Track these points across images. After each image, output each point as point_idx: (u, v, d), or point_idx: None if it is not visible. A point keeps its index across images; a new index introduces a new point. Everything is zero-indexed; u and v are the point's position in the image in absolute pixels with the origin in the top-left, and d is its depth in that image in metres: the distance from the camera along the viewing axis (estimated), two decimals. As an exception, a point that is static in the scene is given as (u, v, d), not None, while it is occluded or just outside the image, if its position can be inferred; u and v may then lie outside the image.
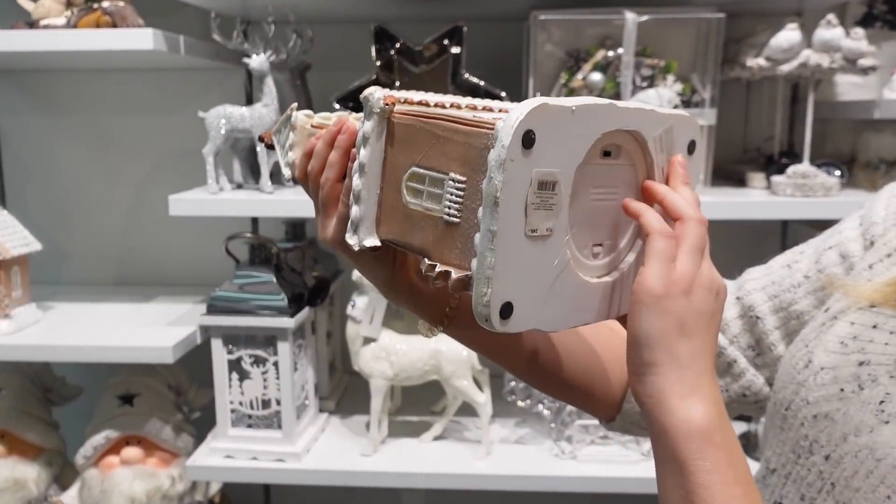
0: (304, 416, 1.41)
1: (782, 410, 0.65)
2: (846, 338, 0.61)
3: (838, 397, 0.59)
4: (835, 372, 0.60)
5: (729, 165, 1.58)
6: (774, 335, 0.72)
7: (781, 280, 0.73)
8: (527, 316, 0.50)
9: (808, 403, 0.61)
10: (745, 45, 1.37)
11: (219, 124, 1.32)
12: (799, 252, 0.74)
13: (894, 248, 0.64)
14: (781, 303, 0.72)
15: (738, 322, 0.74)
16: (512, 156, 0.45)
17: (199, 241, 1.69)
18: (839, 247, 0.70)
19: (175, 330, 1.37)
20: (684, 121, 0.59)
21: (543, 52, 1.29)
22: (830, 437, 0.58)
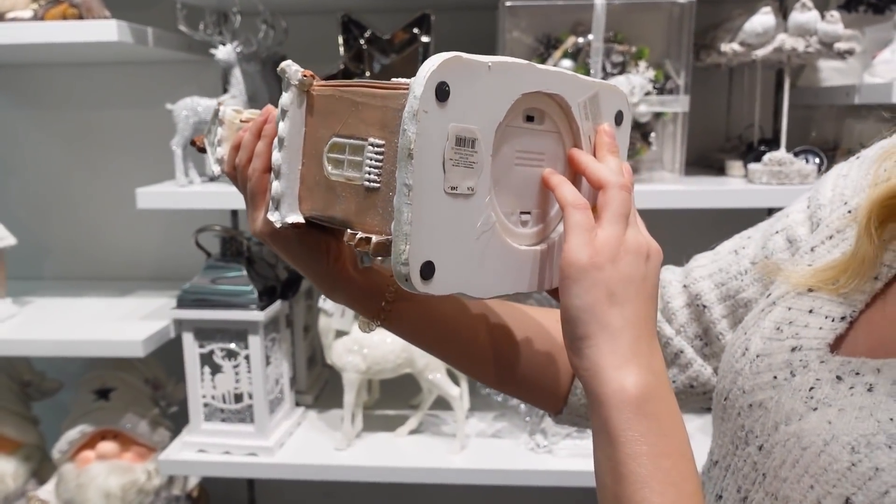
0: (279, 410, 1.40)
1: (722, 400, 0.62)
2: (782, 323, 0.59)
3: (771, 385, 0.57)
4: (769, 359, 0.58)
5: (711, 154, 1.55)
6: (722, 324, 0.70)
7: (728, 267, 0.71)
8: (450, 278, 0.49)
9: (744, 392, 0.59)
10: (722, 30, 1.35)
11: (186, 116, 1.31)
12: (747, 237, 0.72)
13: (836, 230, 0.62)
14: (729, 291, 0.70)
15: (685, 311, 0.72)
16: (425, 107, 0.45)
17: (174, 235, 1.68)
18: (786, 231, 0.68)
19: (147, 324, 1.37)
20: (610, 90, 0.58)
21: (513, 39, 1.27)
22: (764, 426, 0.56)
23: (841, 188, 0.65)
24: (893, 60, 1.30)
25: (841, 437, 0.48)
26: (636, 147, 1.29)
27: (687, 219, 1.35)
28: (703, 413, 1.50)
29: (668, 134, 1.32)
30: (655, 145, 1.31)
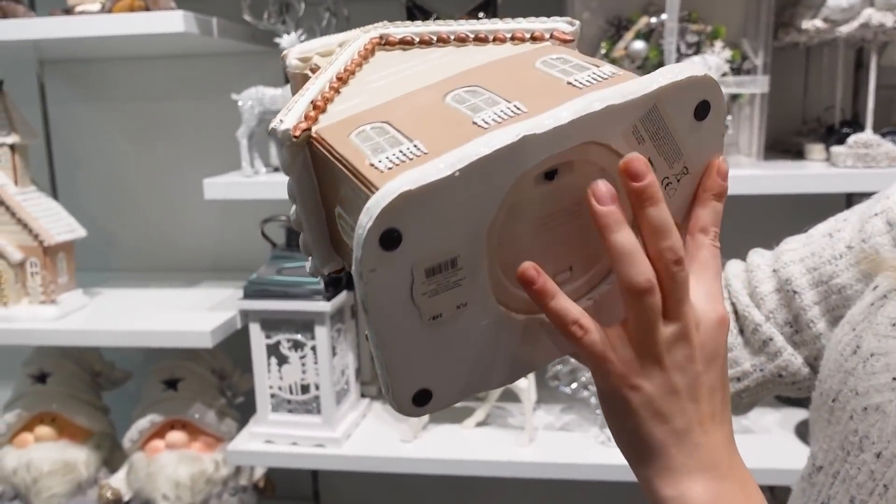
0: (345, 401, 1.39)
1: (829, 402, 0.58)
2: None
3: (891, 387, 0.52)
4: (886, 359, 0.53)
5: (787, 137, 1.49)
6: (814, 311, 0.66)
7: (821, 251, 0.66)
8: (452, 392, 0.44)
9: (857, 394, 0.55)
10: (802, 6, 1.28)
11: (251, 106, 1.31)
12: (843, 220, 0.67)
13: None
14: (821, 276, 0.65)
15: (774, 297, 0.68)
16: (371, 265, 0.38)
17: (240, 225, 1.69)
18: (886, 213, 0.62)
19: (215, 314, 1.37)
20: (681, 86, 0.42)
21: (582, 20, 1.24)
22: (882, 431, 0.51)
23: None
24: None
25: None
26: (712, 131, 1.24)
27: (766, 205, 1.30)
28: (780, 406, 1.44)
29: (745, 116, 1.26)
30: (731, 128, 1.26)
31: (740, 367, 0.70)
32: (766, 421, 1.40)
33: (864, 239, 0.63)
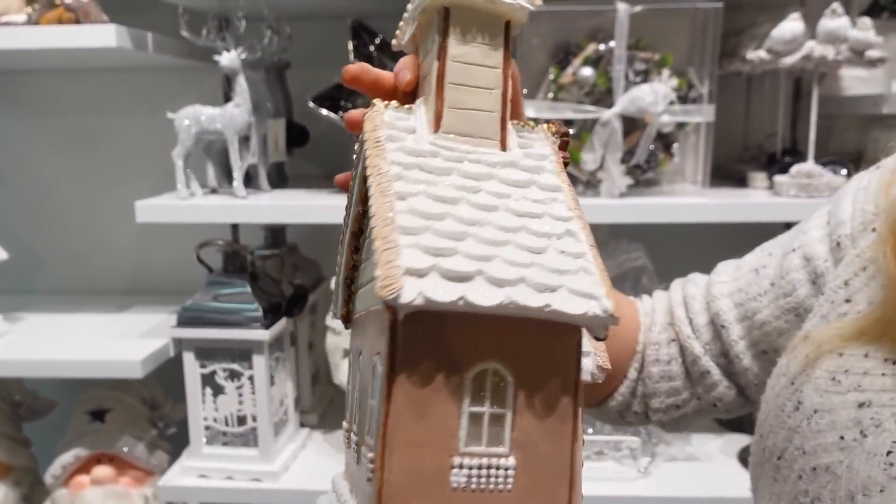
0: (283, 432, 1.34)
1: (774, 459, 0.57)
2: (837, 372, 0.53)
3: (839, 447, 0.50)
4: (831, 416, 0.52)
5: (729, 164, 1.50)
6: (740, 345, 0.68)
7: (748, 287, 0.68)
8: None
9: (804, 453, 0.53)
10: (746, 37, 1.30)
11: (188, 125, 1.25)
12: (767, 253, 0.69)
13: (869, 260, 0.56)
14: (747, 311, 0.67)
15: (708, 329, 0.70)
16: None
17: (175, 248, 1.62)
18: (803, 248, 0.64)
19: (146, 342, 1.30)
20: None
21: (531, 45, 1.22)
22: (835, 494, 0.50)
23: (862, 202, 0.61)
24: (924, 69, 1.25)
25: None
26: (658, 158, 1.24)
27: (709, 232, 1.30)
28: (722, 432, 1.45)
29: (690, 145, 1.27)
30: (678, 156, 1.26)
31: (680, 396, 0.72)
32: (710, 448, 1.40)
33: (782, 276, 0.65)
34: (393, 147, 0.38)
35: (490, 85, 0.40)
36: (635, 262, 1.36)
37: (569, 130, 0.44)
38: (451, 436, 0.31)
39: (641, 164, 1.23)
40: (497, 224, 0.35)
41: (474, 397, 0.32)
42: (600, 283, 0.32)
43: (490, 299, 0.30)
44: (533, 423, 0.32)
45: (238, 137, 1.26)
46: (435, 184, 0.36)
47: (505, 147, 0.40)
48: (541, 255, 0.33)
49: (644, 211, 1.20)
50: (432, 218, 0.34)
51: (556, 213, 0.36)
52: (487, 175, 0.38)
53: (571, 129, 1.23)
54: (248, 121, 1.26)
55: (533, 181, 0.38)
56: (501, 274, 0.31)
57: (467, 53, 0.40)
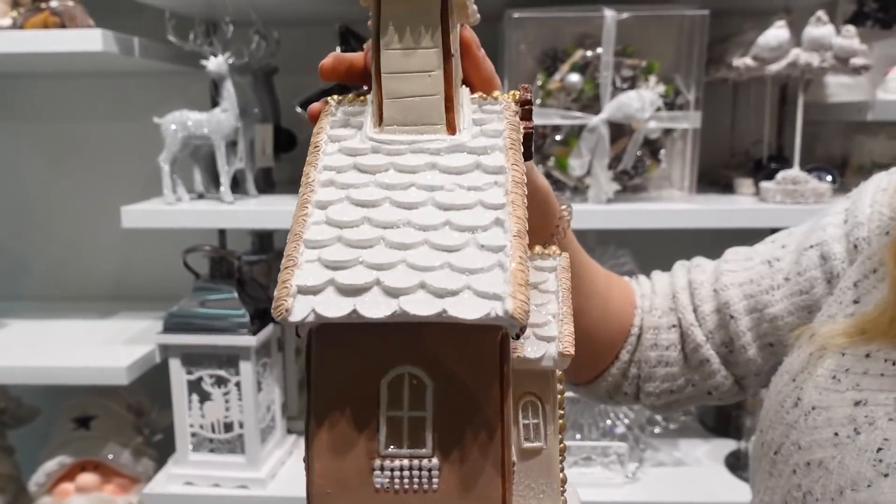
0: (270, 438, 1.33)
1: (771, 454, 0.58)
2: (838, 371, 0.54)
3: (832, 443, 0.51)
4: (828, 413, 0.52)
5: (715, 170, 1.51)
6: (747, 336, 0.68)
7: (760, 279, 0.67)
8: None
9: (799, 448, 0.54)
10: (732, 44, 1.31)
11: (175, 130, 1.25)
12: (781, 246, 0.68)
13: (879, 263, 0.57)
14: (757, 304, 0.67)
15: (714, 317, 0.70)
16: None
17: (162, 254, 1.61)
18: (821, 246, 0.64)
19: (131, 349, 1.30)
20: None
21: (518, 51, 1.23)
22: (826, 488, 0.51)
23: (880, 205, 0.62)
24: (907, 76, 1.26)
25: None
26: (646, 164, 1.25)
27: (696, 238, 1.31)
28: (709, 437, 1.45)
29: (678, 151, 1.27)
30: (665, 163, 1.26)
31: (676, 382, 0.72)
32: (697, 453, 1.40)
33: (799, 272, 0.65)
34: (333, 149, 0.39)
35: (428, 67, 0.38)
36: (622, 268, 1.36)
37: (530, 96, 0.41)
38: (370, 439, 0.32)
39: (629, 169, 1.23)
40: (417, 223, 0.34)
41: (392, 401, 0.32)
42: (508, 282, 0.31)
43: (381, 311, 0.31)
44: (456, 424, 0.32)
45: (225, 142, 1.25)
46: (365, 185, 0.36)
47: (454, 130, 0.39)
48: (455, 253, 0.33)
49: (631, 216, 1.21)
50: (346, 226, 0.34)
51: (490, 201, 0.35)
52: (427, 165, 0.37)
53: (559, 136, 1.23)
54: (235, 126, 1.25)
55: (478, 164, 0.37)
56: (399, 282, 0.31)
57: (400, 39, 0.39)
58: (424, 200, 0.36)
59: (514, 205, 0.35)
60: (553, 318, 0.40)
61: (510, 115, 0.40)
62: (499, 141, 0.39)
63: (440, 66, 0.39)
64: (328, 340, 0.33)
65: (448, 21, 0.39)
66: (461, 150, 0.38)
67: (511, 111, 0.41)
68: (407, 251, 0.33)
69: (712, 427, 1.49)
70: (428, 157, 0.38)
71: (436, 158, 0.38)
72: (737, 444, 1.39)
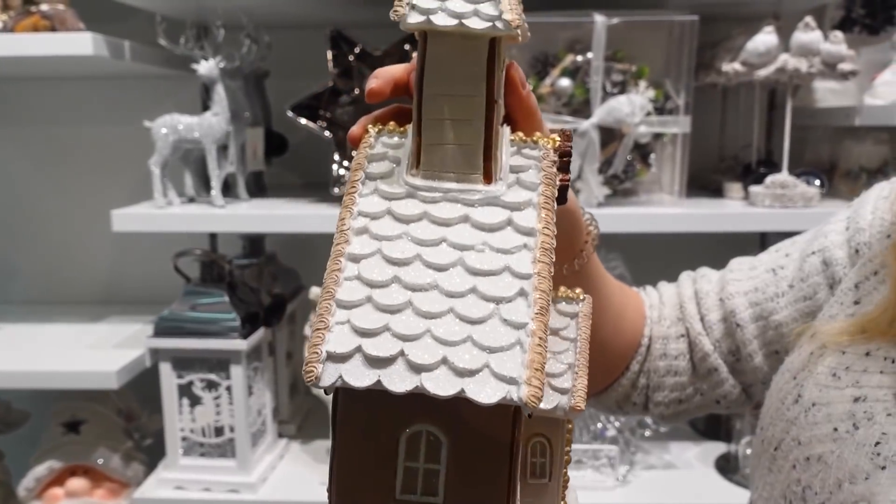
0: (261, 442, 1.33)
1: (771, 450, 0.58)
2: (837, 368, 0.55)
3: (832, 438, 0.52)
4: (828, 409, 0.53)
5: (705, 174, 1.52)
6: (754, 345, 0.69)
7: (765, 287, 0.68)
8: None
9: (799, 444, 0.55)
10: (721, 49, 1.32)
11: (165, 134, 1.24)
12: (784, 255, 0.69)
13: (880, 265, 0.58)
14: (763, 311, 0.68)
15: (720, 326, 0.70)
16: None
17: (152, 258, 1.60)
18: (823, 252, 0.65)
19: (121, 353, 1.29)
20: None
21: (509, 55, 1.23)
22: (824, 482, 0.52)
23: (882, 211, 0.63)
24: (894, 82, 1.27)
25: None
26: (636, 168, 1.25)
27: (686, 242, 1.32)
28: (700, 440, 1.46)
29: (667, 155, 1.28)
30: (655, 167, 1.27)
31: (685, 392, 0.72)
32: (687, 456, 1.40)
33: (802, 279, 0.66)
34: (368, 190, 0.39)
35: (470, 116, 0.38)
36: (613, 272, 1.36)
37: (571, 147, 0.41)
38: (388, 485, 0.34)
39: (619, 174, 1.24)
40: (445, 288, 0.35)
41: (409, 454, 0.34)
42: (526, 365, 0.33)
43: (403, 385, 0.32)
44: (467, 478, 0.34)
45: (216, 146, 1.25)
46: (398, 238, 0.37)
47: (490, 179, 0.38)
48: (479, 325, 0.34)
49: (622, 220, 1.21)
50: (377, 286, 0.35)
51: (517, 269, 0.36)
52: (461, 218, 0.37)
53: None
54: (226, 130, 1.25)
55: (510, 221, 0.37)
56: (422, 358, 0.33)
57: (445, 84, 0.38)
58: (454, 262, 0.36)
59: (539, 276, 0.35)
60: (569, 369, 0.41)
61: (547, 167, 0.39)
62: (534, 196, 0.38)
63: (482, 114, 0.38)
64: (353, 397, 0.34)
65: (494, 66, 0.38)
66: (495, 203, 0.38)
67: (549, 161, 0.40)
68: (433, 321, 0.34)
69: (702, 430, 1.50)
70: (462, 210, 0.38)
71: (469, 210, 0.38)
72: (727, 448, 1.39)
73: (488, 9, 0.37)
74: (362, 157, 0.40)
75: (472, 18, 0.36)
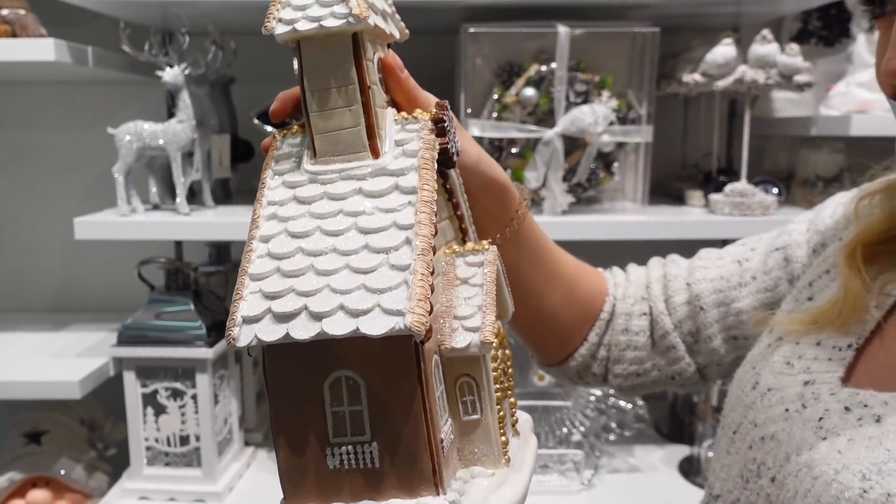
0: (227, 451, 1.32)
1: (730, 434, 0.63)
2: (791, 357, 0.60)
3: (783, 417, 0.57)
4: (781, 393, 0.58)
5: (667, 182, 1.55)
6: (713, 328, 0.74)
7: (730, 276, 0.74)
8: None
9: (755, 426, 0.59)
10: (682, 60, 1.34)
11: (129, 141, 1.23)
12: (750, 249, 0.75)
13: (832, 264, 0.64)
14: (725, 298, 0.73)
15: (684, 308, 0.75)
16: None
17: (116, 265, 1.59)
18: (786, 249, 0.71)
19: (84, 362, 1.27)
20: None
21: (475, 65, 1.24)
22: (776, 458, 0.56)
23: (838, 216, 0.69)
24: (848, 93, 1.31)
25: (852, 465, 0.49)
26: (599, 177, 1.27)
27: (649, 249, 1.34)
28: (664, 443, 1.48)
29: (630, 164, 1.30)
30: (618, 175, 1.29)
31: (643, 366, 0.77)
32: (651, 459, 1.43)
33: (765, 272, 0.72)
34: (276, 183, 0.45)
35: (347, 103, 0.44)
36: (578, 278, 1.38)
37: (444, 116, 0.46)
38: (321, 431, 0.40)
39: (583, 182, 1.26)
40: (341, 249, 0.41)
41: (334, 399, 0.39)
42: (411, 298, 0.37)
43: (307, 333, 0.38)
44: (388, 413, 0.39)
45: (181, 153, 1.25)
46: (301, 216, 0.43)
47: (377, 154, 0.44)
48: (371, 273, 0.39)
49: (585, 228, 1.23)
50: (283, 258, 0.41)
51: (402, 221, 0.41)
52: (354, 191, 0.43)
53: (515, 149, 1.25)
54: (191, 137, 1.25)
55: (397, 185, 0.43)
56: (322, 307, 0.38)
57: (321, 80, 0.43)
58: (349, 227, 0.41)
59: (420, 224, 0.40)
60: (478, 310, 0.45)
61: (426, 134, 0.45)
62: (415, 161, 0.44)
63: (358, 99, 0.44)
64: (276, 357, 0.40)
65: (361, 56, 0.43)
66: (383, 173, 0.43)
67: (427, 130, 0.45)
68: (331, 276, 0.39)
69: (667, 433, 1.52)
70: (355, 184, 0.43)
71: (362, 183, 0.43)
72: (690, 450, 1.42)
73: (340, 8, 0.42)
74: (270, 158, 0.46)
75: (329, 19, 0.42)
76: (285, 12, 0.43)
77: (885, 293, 0.58)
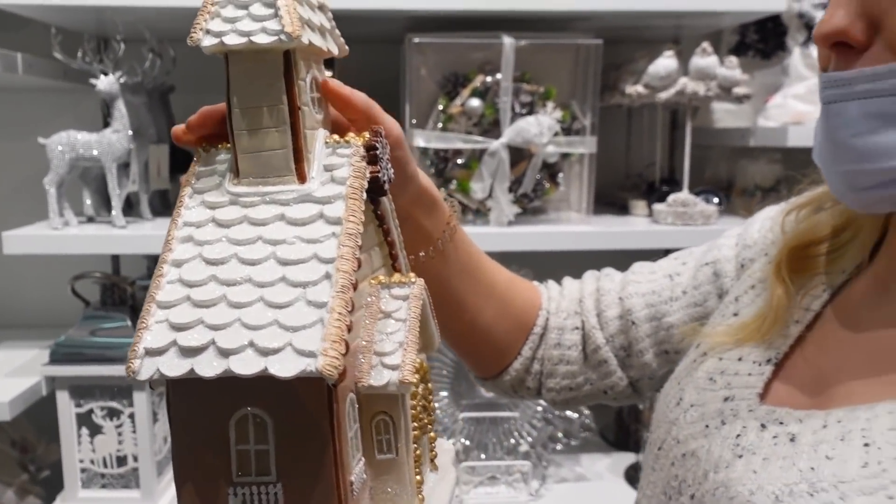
0: (167, 471, 1.28)
1: (655, 450, 0.63)
2: (714, 373, 0.60)
3: (703, 434, 0.57)
4: (702, 409, 0.58)
5: (612, 192, 1.56)
6: (645, 342, 0.74)
7: (661, 290, 0.74)
8: None
9: (678, 442, 0.59)
10: (625, 71, 1.36)
11: (61, 151, 1.19)
12: (682, 263, 0.75)
13: (758, 280, 0.64)
14: (657, 313, 0.73)
15: (616, 322, 0.75)
16: None
17: (49, 280, 1.53)
18: (715, 265, 0.71)
19: (14, 381, 1.22)
20: None
21: (420, 76, 1.24)
22: (695, 475, 0.55)
23: (765, 231, 0.69)
24: (785, 105, 1.34)
25: (766, 486, 0.49)
26: (545, 187, 1.28)
27: (594, 259, 1.35)
28: (610, 451, 1.49)
29: (575, 174, 1.31)
30: (563, 185, 1.30)
31: (575, 380, 0.77)
32: (598, 467, 1.43)
33: (695, 286, 0.72)
34: (195, 202, 0.42)
35: (277, 124, 0.41)
36: (524, 288, 1.39)
37: (377, 143, 0.43)
38: (225, 469, 0.38)
39: (528, 192, 1.26)
40: (256, 280, 0.38)
41: (240, 437, 0.37)
42: (325, 339, 0.35)
43: (213, 370, 0.36)
44: (295, 454, 0.37)
45: (116, 164, 1.21)
46: (218, 241, 0.40)
47: (304, 179, 0.42)
48: (285, 309, 0.37)
49: (531, 239, 1.23)
50: (195, 285, 0.38)
51: (323, 255, 0.39)
52: (276, 217, 0.41)
53: (461, 160, 1.25)
54: (127, 147, 1.21)
55: (322, 214, 0.40)
56: (230, 343, 0.36)
57: (249, 97, 0.41)
58: (267, 256, 0.39)
59: (342, 259, 0.38)
60: (399, 347, 0.43)
61: (357, 161, 0.43)
62: (343, 189, 0.41)
63: (287, 120, 0.41)
64: (180, 390, 0.38)
65: (293, 76, 0.41)
66: (308, 199, 0.41)
67: (358, 157, 0.43)
68: (243, 310, 0.37)
69: (613, 441, 1.53)
70: (278, 209, 0.41)
71: (285, 209, 0.41)
72: (636, 457, 1.43)
73: (272, 24, 0.40)
74: (191, 175, 0.44)
75: (260, 35, 0.40)
76: (214, 23, 0.41)
77: (803, 307, 0.58)
